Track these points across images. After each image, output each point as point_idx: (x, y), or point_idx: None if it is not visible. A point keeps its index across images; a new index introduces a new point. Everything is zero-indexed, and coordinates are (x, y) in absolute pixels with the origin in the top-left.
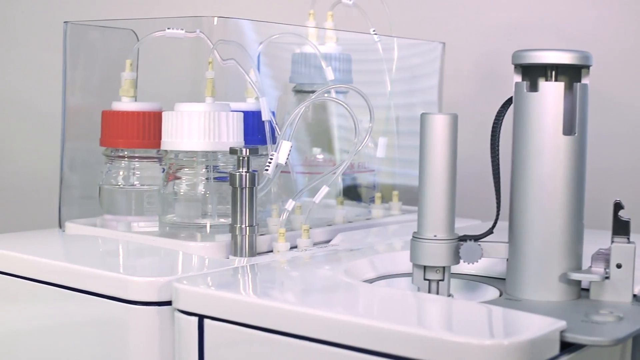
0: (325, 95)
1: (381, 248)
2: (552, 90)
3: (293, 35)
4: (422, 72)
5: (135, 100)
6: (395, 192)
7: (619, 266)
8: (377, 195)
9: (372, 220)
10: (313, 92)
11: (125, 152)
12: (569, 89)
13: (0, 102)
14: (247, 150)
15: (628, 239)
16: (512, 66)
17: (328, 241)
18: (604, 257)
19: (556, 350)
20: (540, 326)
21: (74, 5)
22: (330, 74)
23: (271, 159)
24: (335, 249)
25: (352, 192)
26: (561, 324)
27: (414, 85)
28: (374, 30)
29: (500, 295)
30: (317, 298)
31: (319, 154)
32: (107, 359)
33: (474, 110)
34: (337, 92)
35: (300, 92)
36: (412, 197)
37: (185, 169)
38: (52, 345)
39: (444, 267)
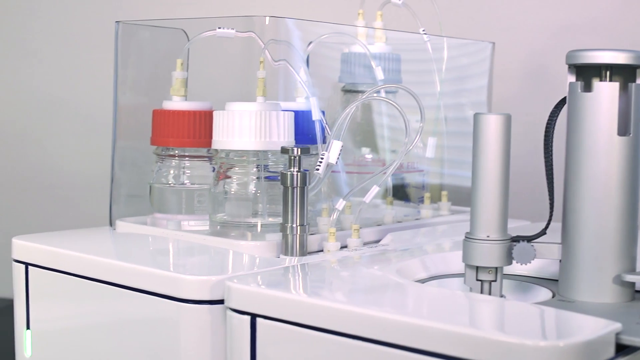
0: (375, 95)
1: (431, 248)
2: (606, 91)
3: (342, 34)
4: (471, 72)
5: (186, 100)
6: (444, 192)
7: None
8: (426, 195)
9: (421, 220)
10: (362, 91)
11: (176, 151)
12: (624, 89)
13: (50, 102)
14: (299, 149)
15: None
16: (562, 66)
17: (378, 241)
18: None
19: (611, 352)
20: (595, 328)
21: (124, 5)
22: (380, 74)
23: (322, 158)
24: (385, 249)
25: (400, 192)
26: (616, 325)
27: (463, 85)
28: (423, 30)
29: (552, 297)
30: (368, 297)
31: (367, 154)
32: (159, 357)
33: (523, 110)
34: (386, 92)
35: (349, 91)
36: (460, 197)
37: (236, 168)
38: (104, 342)
39: (496, 268)
